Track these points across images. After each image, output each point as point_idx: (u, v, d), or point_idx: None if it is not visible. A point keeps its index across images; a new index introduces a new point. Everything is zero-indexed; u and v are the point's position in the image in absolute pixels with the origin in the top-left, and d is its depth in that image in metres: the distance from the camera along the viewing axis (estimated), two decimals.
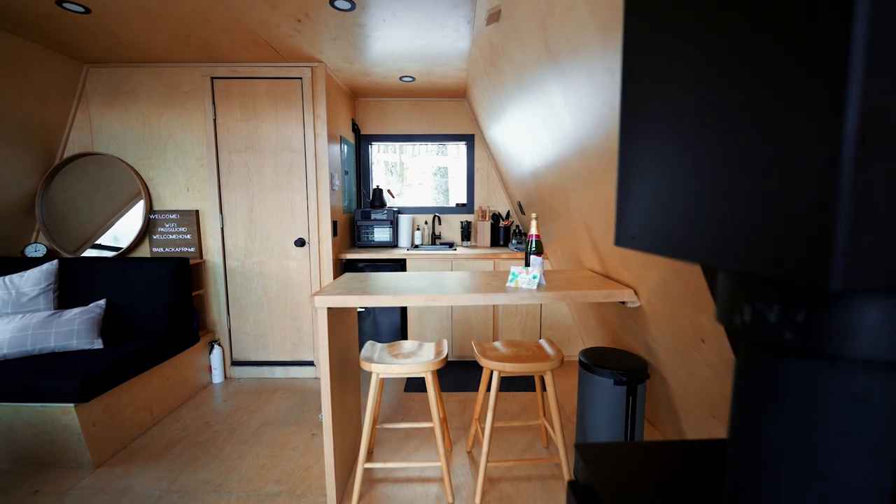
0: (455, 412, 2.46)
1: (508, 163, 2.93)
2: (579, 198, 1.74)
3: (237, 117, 2.76)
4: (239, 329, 2.96)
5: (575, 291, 1.53)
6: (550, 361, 1.69)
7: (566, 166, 1.72)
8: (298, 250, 2.87)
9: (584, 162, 1.49)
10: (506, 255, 3.02)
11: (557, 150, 1.74)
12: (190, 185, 2.84)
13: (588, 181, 1.55)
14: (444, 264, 3.04)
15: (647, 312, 1.53)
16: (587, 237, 1.86)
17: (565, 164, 1.72)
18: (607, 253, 1.70)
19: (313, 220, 2.83)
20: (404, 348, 1.89)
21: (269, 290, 2.91)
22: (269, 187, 2.82)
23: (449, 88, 3.27)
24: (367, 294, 1.55)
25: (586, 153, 1.43)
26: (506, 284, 1.66)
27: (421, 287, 1.67)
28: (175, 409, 2.52)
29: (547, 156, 1.91)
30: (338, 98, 3.07)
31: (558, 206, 2.12)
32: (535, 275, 1.60)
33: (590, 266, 2.04)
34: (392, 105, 3.59)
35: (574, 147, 1.52)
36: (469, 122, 3.61)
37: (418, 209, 3.69)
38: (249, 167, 2.81)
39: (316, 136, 2.77)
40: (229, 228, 2.86)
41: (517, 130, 2.25)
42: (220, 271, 2.88)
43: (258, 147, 2.79)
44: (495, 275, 1.92)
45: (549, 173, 2.01)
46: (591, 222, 1.71)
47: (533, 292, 1.55)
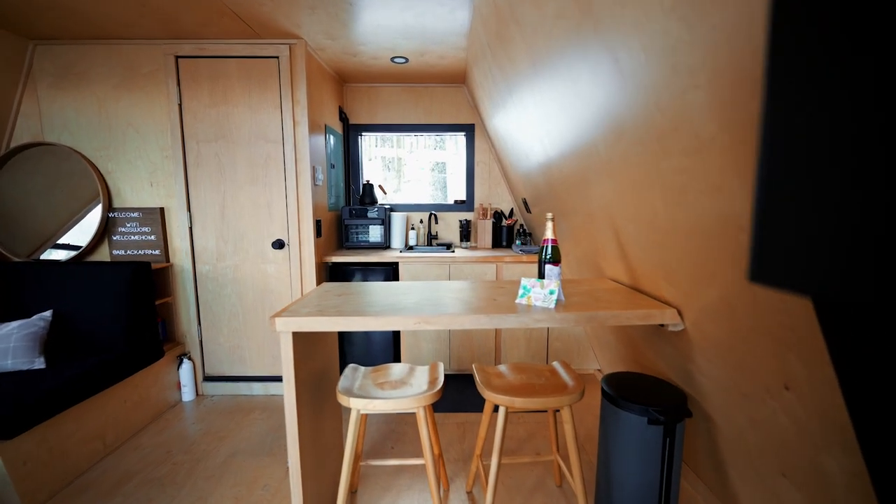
0: (453, 439, 2.15)
1: (514, 155, 2.62)
2: (607, 193, 1.42)
3: (205, 102, 2.43)
4: (211, 341, 2.64)
5: (604, 312, 1.22)
6: (569, 394, 1.38)
7: (590, 154, 1.41)
8: (277, 253, 2.55)
9: (619, 147, 1.18)
10: (509, 257, 2.72)
11: (579, 133, 1.42)
12: (153, 180, 2.51)
13: (623, 173, 1.23)
14: (441, 269, 2.73)
15: (694, 338, 1.23)
16: (613, 241, 1.55)
17: (589, 151, 1.40)
18: (641, 262, 1.39)
19: (293, 218, 2.52)
20: (392, 374, 1.58)
21: (245, 298, 2.59)
22: (244, 182, 2.50)
23: (446, 72, 2.95)
24: (343, 315, 1.23)
25: (625, 134, 1.11)
26: (516, 301, 1.35)
27: (412, 303, 1.36)
28: (135, 435, 2.21)
29: (565, 142, 1.60)
30: (322, 82, 2.75)
31: (574, 202, 1.81)
32: (552, 290, 1.30)
33: (612, 275, 1.73)
34: (384, 92, 3.27)
35: (606, 128, 1.21)
36: (469, 111, 3.28)
37: (413, 206, 3.38)
38: (220, 159, 2.48)
39: (296, 124, 2.45)
40: (199, 228, 2.54)
41: (526, 115, 1.93)
42: (190, 276, 2.56)
43: (230, 136, 2.46)
44: (501, 286, 1.61)
45: (566, 163, 1.70)
46: (623, 223, 1.39)
47: (550, 312, 1.24)
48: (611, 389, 1.45)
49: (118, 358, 2.09)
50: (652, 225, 1.19)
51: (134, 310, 2.22)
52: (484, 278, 2.73)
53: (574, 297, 1.44)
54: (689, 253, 1.07)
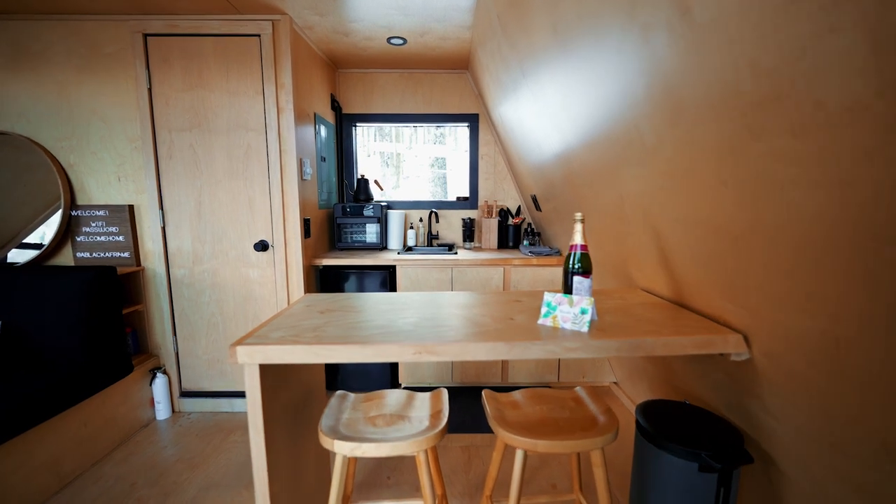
0: (457, 466, 1.91)
1: (523, 146, 2.35)
2: (648, 188, 1.17)
3: (178, 86, 2.16)
4: (189, 353, 2.39)
5: (652, 339, 0.97)
6: (601, 434, 1.13)
7: (627, 140, 1.15)
8: (260, 256, 2.29)
9: (676, 130, 0.92)
10: (518, 260, 2.46)
11: (613, 114, 1.17)
12: (121, 174, 2.25)
13: (675, 162, 0.98)
14: (443, 273, 2.47)
15: (763, 370, 0.98)
16: (651, 246, 1.30)
17: (627, 137, 1.15)
18: (690, 272, 1.13)
19: (278, 217, 2.25)
20: (387, 405, 1.33)
21: (225, 305, 2.33)
22: (222, 176, 2.23)
23: (448, 56, 2.68)
24: (324, 342, 0.98)
25: (685, 112, 0.86)
26: (538, 321, 1.10)
27: (410, 324, 1.10)
28: (97, 463, 1.96)
29: (591, 127, 1.34)
30: (311, 66, 2.48)
31: (598, 199, 1.56)
32: (583, 308, 1.04)
33: (645, 285, 1.48)
34: (380, 78, 2.99)
35: (656, 105, 0.95)
36: (472, 100, 3.02)
37: (412, 204, 3.12)
38: (196, 150, 2.21)
39: (280, 111, 2.18)
40: (172, 228, 2.28)
41: (543, 98, 1.67)
42: (163, 282, 2.30)
43: (206, 124, 2.19)
44: (517, 299, 1.36)
45: (591, 153, 1.44)
46: (668, 225, 1.14)
47: (583, 337, 0.99)
48: (649, 424, 1.20)
49: (75, 376, 1.83)
50: (714, 227, 0.94)
51: (95, 320, 1.96)
52: (490, 283, 2.48)
53: (606, 314, 1.19)
54: (769, 265, 0.82)
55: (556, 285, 2.49)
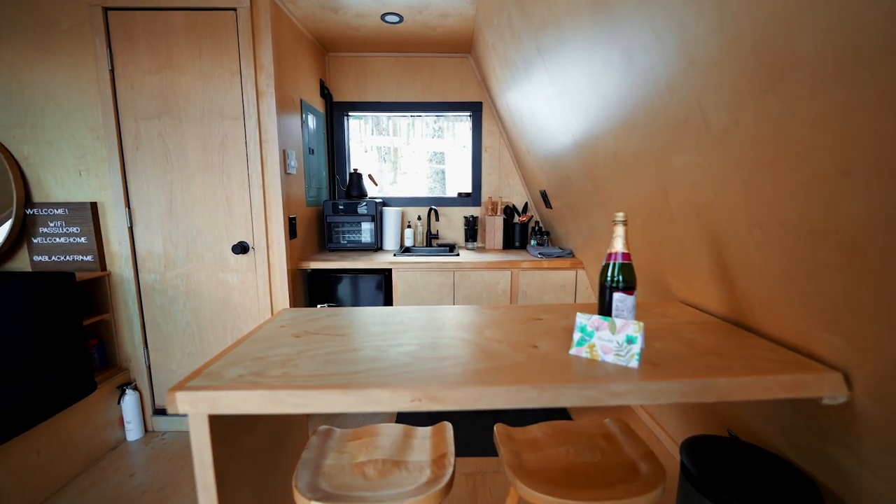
0: (462, 498, 1.68)
1: (532, 136, 2.11)
2: (706, 181, 0.94)
3: (144, 68, 1.91)
4: (162, 366, 2.15)
5: (726, 380, 0.74)
6: (646, 490, 0.90)
7: (680, 120, 0.92)
8: (240, 259, 2.05)
9: (773, 103, 0.68)
10: (527, 262, 2.23)
11: (662, 89, 0.93)
12: (83, 167, 1.99)
13: (764, 145, 0.74)
14: (444, 277, 2.24)
15: (867, 416, 0.75)
16: (705, 252, 1.07)
17: (678, 116, 0.91)
18: (766, 288, 0.90)
19: (259, 215, 2.01)
20: (380, 445, 1.09)
21: (201, 314, 2.09)
22: (196, 169, 1.99)
23: (450, 37, 2.43)
24: (293, 385, 0.74)
25: (792, 72, 0.62)
26: (570, 351, 0.87)
27: (406, 354, 0.87)
28: (53, 495, 1.72)
29: (626, 107, 1.10)
30: (296, 47, 2.22)
31: (628, 194, 1.32)
32: (630, 336, 0.81)
33: (687, 297, 1.25)
34: (374, 63, 2.74)
35: (740, 62, 0.71)
36: (475, 87, 2.77)
37: (409, 200, 2.87)
38: (166, 140, 1.96)
39: (260, 96, 1.93)
40: (141, 228, 2.03)
41: (562, 79, 1.43)
42: (132, 288, 2.06)
43: (177, 111, 1.94)
44: (537, 317, 1.12)
45: (623, 139, 1.20)
46: (736, 228, 0.91)
47: (633, 375, 0.76)
48: (700, 471, 0.97)
49: (21, 399, 1.59)
50: (819, 235, 0.70)
51: (49, 334, 1.72)
52: (496, 288, 2.25)
53: (652, 339, 0.95)
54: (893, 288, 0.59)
55: (569, 291, 2.26)
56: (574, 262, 2.24)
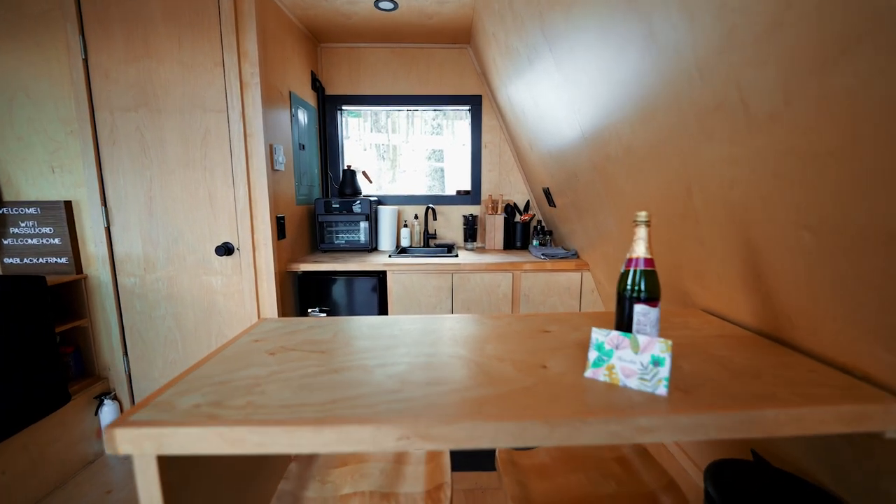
0: None
1: (537, 131, 1.99)
2: (744, 175, 0.82)
3: (120, 56, 1.78)
4: (143, 375, 2.03)
5: (774, 411, 0.62)
6: None
7: (712, 106, 0.80)
8: (225, 261, 1.92)
9: (840, 77, 0.56)
10: (529, 263, 2.11)
11: (688, 67, 0.81)
12: (56, 163, 1.87)
13: (824, 132, 0.62)
14: (442, 280, 2.11)
15: None
16: (736, 256, 0.95)
17: (719, 100, 0.79)
18: (812, 301, 0.78)
19: (244, 215, 1.88)
20: (368, 469, 0.97)
21: (184, 320, 1.97)
22: (176, 165, 1.86)
23: (447, 26, 2.30)
24: (255, 420, 0.62)
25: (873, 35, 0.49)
26: (585, 373, 0.74)
27: (395, 376, 0.75)
28: None
29: (651, 91, 0.98)
30: (284, 36, 2.10)
31: (643, 188, 1.20)
32: (657, 357, 0.69)
33: (710, 305, 1.13)
34: (368, 54, 2.61)
35: (795, 35, 0.59)
36: (474, 80, 2.64)
37: (406, 199, 2.75)
38: (144, 134, 1.84)
39: (244, 87, 1.81)
40: (119, 229, 1.91)
41: (571, 66, 1.31)
42: (110, 292, 1.94)
43: (156, 103, 1.81)
44: (545, 329, 1.00)
45: (641, 129, 1.08)
46: (779, 230, 0.79)
47: (662, 404, 0.64)
48: (727, 500, 0.85)
49: None
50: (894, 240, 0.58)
51: (14, 343, 1.60)
52: (496, 291, 2.13)
53: (675, 356, 0.83)
54: None
55: (574, 294, 2.14)
56: (579, 264, 2.12)
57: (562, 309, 2.15)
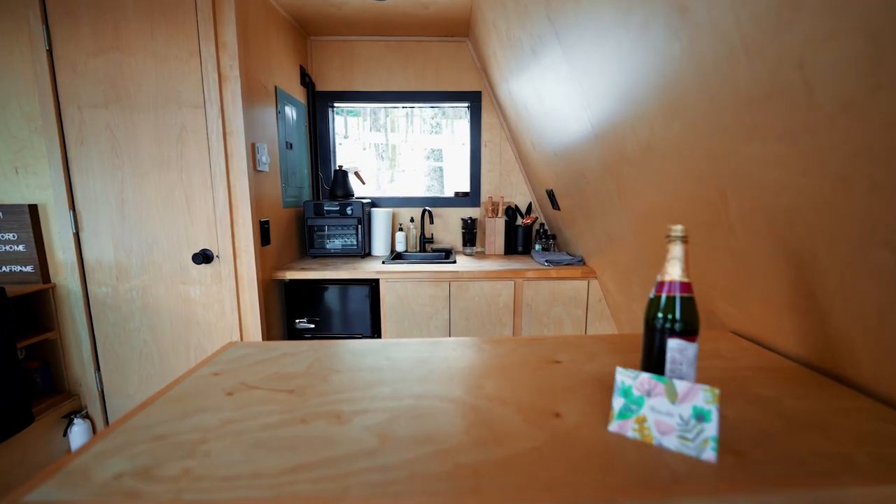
0: None
1: (540, 128, 1.85)
2: (798, 181, 0.68)
3: (88, 48, 1.64)
4: (117, 391, 1.89)
5: (859, 490, 0.48)
6: None
7: (758, 98, 0.66)
8: (204, 269, 1.78)
9: None
10: (532, 271, 1.97)
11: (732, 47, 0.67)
12: (20, 163, 1.73)
13: None
14: (438, 289, 1.97)
15: None
16: (783, 275, 0.81)
17: (763, 84, 0.66)
18: (882, 332, 0.64)
19: (224, 219, 1.74)
20: None
21: (161, 332, 1.83)
22: (150, 166, 1.72)
23: (445, 17, 2.16)
24: (180, 502, 0.48)
25: None
26: (609, 426, 0.60)
27: (372, 428, 0.61)
28: None
29: (683, 79, 0.84)
30: (269, 27, 1.95)
31: (665, 191, 1.06)
32: (701, 409, 0.55)
33: (743, 327, 0.99)
34: (361, 48, 2.47)
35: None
36: (474, 75, 2.50)
37: (402, 200, 2.61)
38: (115, 133, 1.70)
39: (223, 80, 1.66)
40: (89, 234, 1.76)
41: (582, 54, 1.17)
42: (80, 302, 1.79)
43: (127, 98, 1.67)
44: (554, 359, 0.86)
45: (662, 126, 0.94)
46: (845, 247, 0.65)
47: (710, 477, 0.49)
48: None
49: None
50: None
51: None
52: (497, 301, 1.99)
53: None
54: None
55: (580, 304, 2.00)
56: (586, 271, 1.98)
57: (567, 320, 2.01)
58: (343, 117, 2.71)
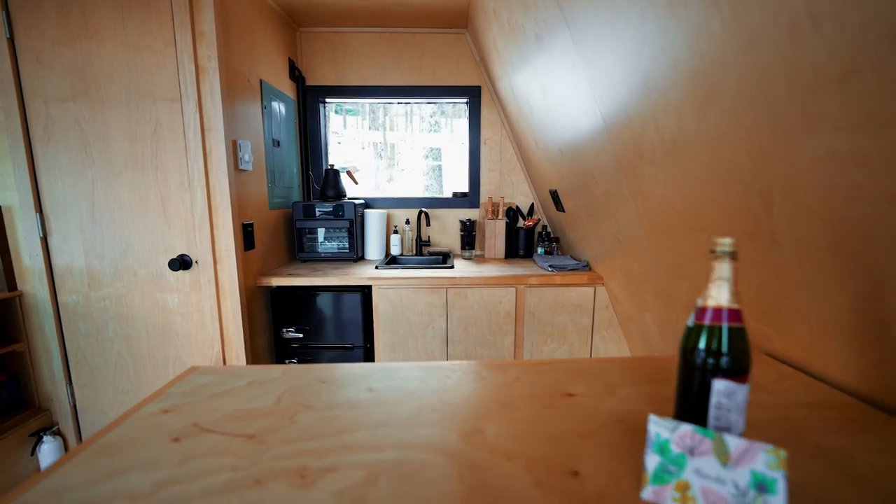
0: None
1: (544, 124, 1.72)
2: (870, 175, 0.55)
3: (53, 36, 1.51)
4: (90, 406, 1.76)
5: None
6: None
7: (828, 76, 0.54)
8: (182, 276, 1.66)
9: None
10: (535, 277, 1.84)
11: (793, 7, 0.53)
12: None
13: None
14: (435, 296, 1.85)
15: None
16: (836, 293, 0.69)
17: (836, 58, 0.53)
18: None
19: (203, 222, 1.61)
20: None
21: (137, 343, 1.70)
22: (123, 165, 1.59)
23: (441, 5, 2.03)
24: None
25: None
26: (643, 494, 0.48)
27: (341, 493, 0.48)
28: None
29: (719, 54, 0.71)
30: (254, 17, 1.82)
31: (691, 191, 0.94)
32: (762, 475, 0.42)
33: (780, 350, 0.86)
34: (354, 40, 2.34)
35: None
36: (473, 69, 2.37)
37: (397, 201, 2.48)
38: (84, 129, 1.57)
39: (200, 72, 1.53)
40: (58, 239, 1.64)
41: (593, 42, 1.04)
42: (48, 311, 1.67)
43: (97, 91, 1.54)
44: (567, 391, 0.74)
45: (700, 111, 0.82)
46: None
47: None
48: None
49: None
50: None
51: None
52: (498, 309, 1.86)
53: None
54: None
55: (586, 312, 1.88)
56: (592, 277, 1.85)
57: (572, 328, 1.89)
58: (342, 116, 2.59)
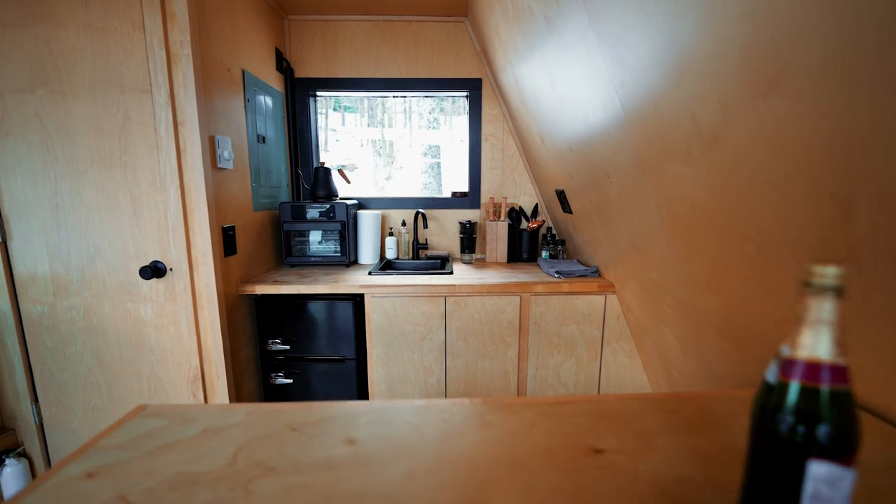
0: None
1: (552, 118, 1.58)
2: None
3: (7, 19, 1.36)
4: (59, 425, 1.62)
5: None
6: None
7: None
8: (155, 284, 1.51)
9: None
10: (541, 285, 1.70)
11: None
12: None
13: None
14: (433, 306, 1.71)
15: None
16: None
17: None
18: None
19: (177, 225, 1.47)
20: None
21: (107, 358, 1.56)
22: (89, 163, 1.44)
23: None
24: None
25: None
26: None
27: None
28: None
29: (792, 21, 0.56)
30: (235, 1, 1.67)
31: (726, 193, 0.80)
32: None
33: None
34: (346, 29, 2.19)
35: None
36: (473, 60, 2.22)
37: (393, 201, 2.34)
38: (45, 123, 1.42)
39: (171, 59, 1.39)
40: (19, 243, 1.49)
41: (613, 20, 0.90)
42: (11, 323, 1.53)
43: (58, 81, 1.40)
44: (592, 446, 0.60)
45: (756, 98, 0.67)
46: None
47: None
48: None
49: None
50: None
51: None
52: (501, 319, 1.72)
53: None
54: None
55: (595, 322, 1.74)
56: (602, 284, 1.72)
57: (581, 340, 1.75)
58: (340, 113, 2.46)
